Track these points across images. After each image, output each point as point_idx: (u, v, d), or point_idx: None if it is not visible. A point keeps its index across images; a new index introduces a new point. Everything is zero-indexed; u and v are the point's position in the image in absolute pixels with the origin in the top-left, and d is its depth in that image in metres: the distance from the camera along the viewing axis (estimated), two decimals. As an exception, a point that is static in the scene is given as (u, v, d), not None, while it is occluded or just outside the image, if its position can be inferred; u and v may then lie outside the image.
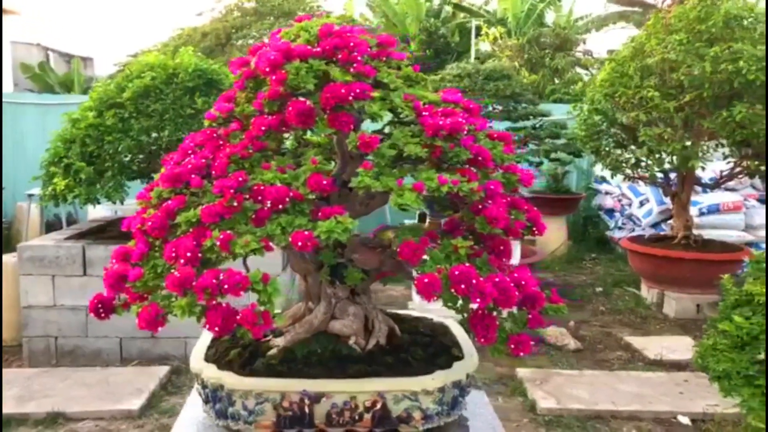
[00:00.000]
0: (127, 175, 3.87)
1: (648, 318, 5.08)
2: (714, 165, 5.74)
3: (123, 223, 1.53)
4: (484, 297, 1.39)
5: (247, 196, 1.41)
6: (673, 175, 5.31)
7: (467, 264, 1.43)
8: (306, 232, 1.34)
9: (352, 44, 1.52)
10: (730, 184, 5.70)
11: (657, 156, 4.90)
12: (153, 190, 1.53)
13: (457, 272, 1.39)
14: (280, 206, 1.38)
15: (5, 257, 4.26)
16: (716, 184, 5.40)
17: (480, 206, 1.52)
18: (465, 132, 1.54)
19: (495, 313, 1.49)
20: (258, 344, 1.73)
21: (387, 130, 1.68)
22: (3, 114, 7.94)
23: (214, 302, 1.28)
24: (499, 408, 3.41)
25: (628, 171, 5.14)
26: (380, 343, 1.73)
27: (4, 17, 18.87)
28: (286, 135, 1.74)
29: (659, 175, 5.17)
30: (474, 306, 1.46)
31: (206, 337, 1.86)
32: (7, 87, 17.24)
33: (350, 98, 1.46)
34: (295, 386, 1.57)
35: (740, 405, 1.81)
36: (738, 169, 5.23)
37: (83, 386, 3.50)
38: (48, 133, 4.13)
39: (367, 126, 1.63)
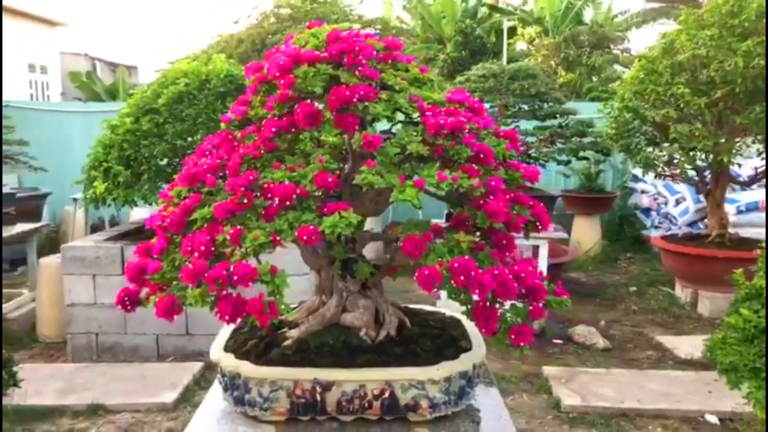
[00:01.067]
0: (162, 177, 4.03)
1: (681, 317, 5.02)
2: (753, 162, 5.63)
3: (147, 222, 1.64)
4: (483, 288, 1.45)
5: (258, 194, 1.50)
6: (707, 173, 5.23)
7: (467, 257, 1.49)
8: (311, 227, 1.42)
9: (357, 48, 1.60)
10: (769, 181, 5.58)
11: (688, 153, 4.84)
12: (174, 189, 1.64)
13: (456, 264, 1.45)
14: (288, 203, 1.46)
15: (51, 258, 4.48)
16: (752, 181, 5.29)
17: (482, 202, 1.57)
18: (467, 130, 1.60)
19: (497, 305, 1.55)
20: (274, 336, 1.82)
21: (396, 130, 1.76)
22: (51, 122, 8.30)
23: (224, 292, 1.37)
24: (524, 405, 3.44)
25: (660, 168, 5.08)
26: (390, 334, 1.79)
27: (54, 29, 19.64)
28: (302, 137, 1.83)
29: (692, 172, 5.10)
30: (476, 298, 1.52)
31: (227, 329, 1.95)
32: (55, 96, 17.92)
33: (354, 100, 1.53)
34: (306, 375, 1.65)
35: (747, 397, 1.82)
36: (774, 166, 5.13)
37: (122, 380, 3.66)
38: (92, 139, 4.33)
39: (384, 126, 1.71)
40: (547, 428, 3.18)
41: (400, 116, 1.76)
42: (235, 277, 1.37)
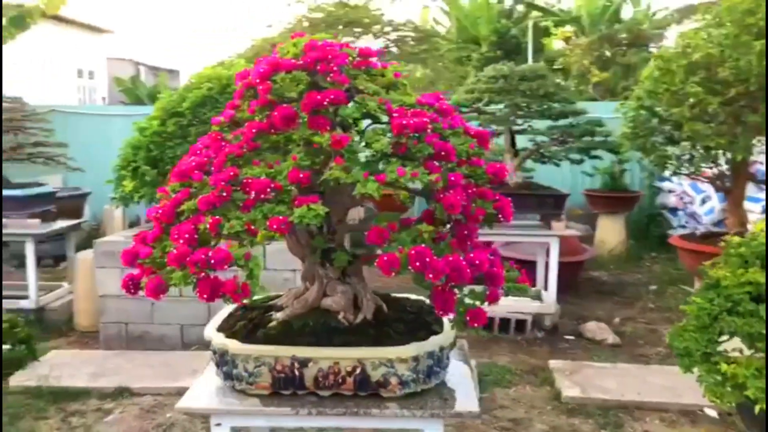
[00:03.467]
0: (187, 177, 4.26)
1: (698, 316, 5.02)
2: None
3: (147, 213, 1.85)
4: (437, 273, 1.60)
5: (238, 188, 1.68)
6: (726, 171, 5.22)
7: (425, 246, 1.64)
8: (281, 218, 1.59)
9: (329, 57, 1.77)
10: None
11: (704, 151, 4.85)
12: (170, 185, 1.83)
13: (413, 252, 1.61)
14: (262, 196, 1.63)
15: (86, 253, 4.78)
16: (774, 179, 5.25)
17: (442, 195, 1.72)
18: (429, 130, 1.75)
19: (455, 290, 1.70)
20: (262, 318, 2.00)
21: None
22: (93, 125, 8.73)
23: (202, 275, 1.56)
24: (525, 396, 3.55)
25: (674, 167, 5.10)
26: (367, 318, 1.95)
27: (101, 36, 20.44)
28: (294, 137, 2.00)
29: (709, 171, 5.10)
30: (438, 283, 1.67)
31: (223, 313, 2.14)
32: (99, 100, 18.63)
33: (325, 103, 1.70)
34: (286, 352, 1.82)
35: (698, 380, 1.90)
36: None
37: (147, 366, 3.91)
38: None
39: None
40: (545, 417, 3.29)
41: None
42: (212, 261, 1.55)
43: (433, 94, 1.97)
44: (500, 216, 1.86)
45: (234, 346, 1.86)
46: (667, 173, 5.44)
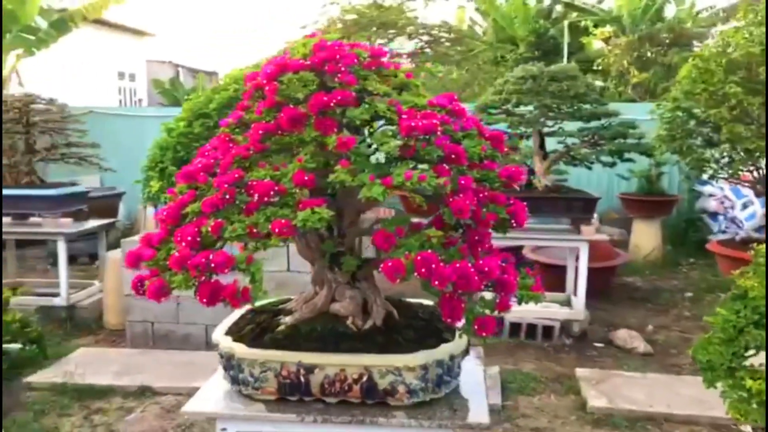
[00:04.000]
0: (212, 178, 4.28)
1: (736, 325, 4.83)
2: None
3: (155, 215, 1.83)
4: (443, 280, 1.54)
5: (242, 191, 1.65)
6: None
7: (432, 251, 1.58)
8: (283, 221, 1.55)
9: (337, 57, 1.73)
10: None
11: (744, 154, 4.67)
12: (178, 186, 1.82)
13: (419, 258, 1.56)
14: (266, 198, 1.60)
15: (115, 251, 4.85)
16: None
17: (450, 199, 1.66)
18: (439, 132, 1.69)
19: (464, 297, 1.64)
20: (270, 322, 1.98)
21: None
22: (129, 126, 8.90)
23: (203, 278, 1.54)
24: (550, 405, 3.45)
25: (713, 171, 4.93)
26: (376, 324, 1.91)
27: (142, 39, 20.86)
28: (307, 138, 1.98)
29: (749, 174, 4.91)
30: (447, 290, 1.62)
31: (235, 315, 2.13)
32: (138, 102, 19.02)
33: (332, 104, 1.66)
34: (292, 357, 1.79)
35: (721, 396, 1.80)
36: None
37: (171, 365, 3.94)
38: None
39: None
40: (568, 428, 3.19)
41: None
42: (213, 264, 1.53)
43: (446, 94, 1.92)
44: (513, 221, 1.80)
45: (240, 350, 1.84)
46: (704, 177, 5.25)
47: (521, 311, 4.39)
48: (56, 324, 4.80)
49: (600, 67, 13.48)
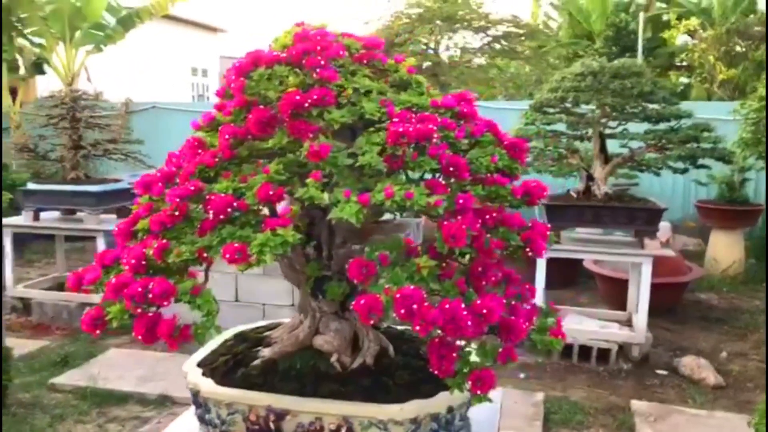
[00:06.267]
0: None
1: (827, 356, 4.24)
2: None
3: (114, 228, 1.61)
4: (426, 324, 1.24)
5: (199, 206, 1.41)
6: None
7: (416, 287, 1.29)
8: (236, 245, 1.29)
9: (318, 48, 1.45)
10: None
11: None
12: (140, 197, 1.59)
13: (399, 295, 1.26)
14: (221, 216, 1.35)
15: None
16: None
17: (444, 223, 1.36)
18: (436, 139, 1.39)
19: (456, 343, 1.33)
20: (247, 354, 1.73)
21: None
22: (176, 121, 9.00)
23: (139, 311, 1.30)
24: (597, 443, 3.07)
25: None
26: (366, 362, 1.63)
27: (215, 35, 21.27)
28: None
29: None
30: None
31: (219, 339, 1.89)
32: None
33: (307, 105, 1.39)
34: (262, 400, 1.53)
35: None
36: None
37: (196, 373, 3.78)
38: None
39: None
40: (616, 474, 2.80)
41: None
42: (151, 295, 1.29)
43: (458, 94, 1.61)
44: (529, 250, 1.47)
45: (206, 387, 1.60)
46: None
47: (574, 331, 3.99)
48: (95, 321, 4.76)
49: (684, 63, 12.63)
